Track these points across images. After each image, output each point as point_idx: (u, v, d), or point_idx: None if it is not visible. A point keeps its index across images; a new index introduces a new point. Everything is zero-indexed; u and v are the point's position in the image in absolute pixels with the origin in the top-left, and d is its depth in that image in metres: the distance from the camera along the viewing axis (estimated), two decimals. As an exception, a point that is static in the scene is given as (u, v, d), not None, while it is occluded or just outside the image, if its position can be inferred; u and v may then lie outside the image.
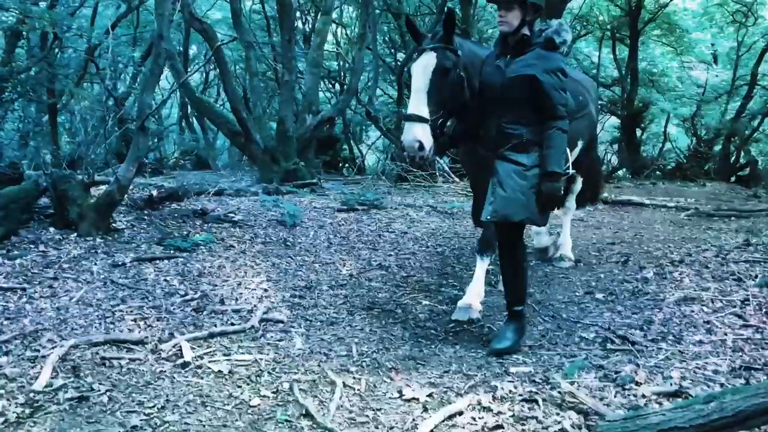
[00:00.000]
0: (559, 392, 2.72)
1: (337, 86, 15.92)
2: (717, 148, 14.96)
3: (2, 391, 2.61)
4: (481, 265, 4.04)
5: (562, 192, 3.29)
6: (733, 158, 14.82)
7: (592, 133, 5.00)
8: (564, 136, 3.26)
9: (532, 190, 3.25)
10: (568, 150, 3.57)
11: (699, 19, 15.67)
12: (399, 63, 15.30)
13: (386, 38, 16.01)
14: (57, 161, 8.90)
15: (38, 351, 3.04)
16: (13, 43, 10.83)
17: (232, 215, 6.23)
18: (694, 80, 16.41)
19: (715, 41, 16.26)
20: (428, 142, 3.30)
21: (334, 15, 13.44)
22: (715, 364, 3.02)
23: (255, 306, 3.94)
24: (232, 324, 3.62)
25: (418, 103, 3.34)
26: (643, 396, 2.69)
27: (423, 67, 3.37)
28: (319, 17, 11.45)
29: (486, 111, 3.42)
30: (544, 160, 3.22)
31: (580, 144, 4.49)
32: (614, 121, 17.09)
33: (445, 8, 13.32)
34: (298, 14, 13.53)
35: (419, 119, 3.30)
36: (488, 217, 3.32)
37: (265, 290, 4.30)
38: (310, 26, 14.44)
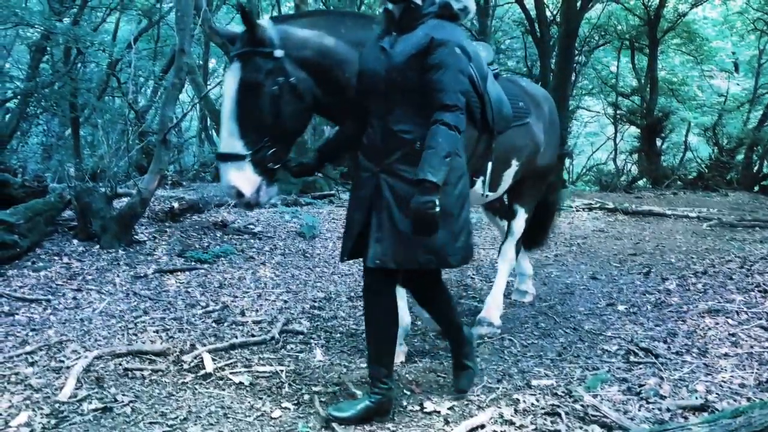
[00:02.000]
0: (582, 405, 2.69)
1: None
2: (739, 157, 14.79)
3: (28, 402, 2.64)
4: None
5: (437, 211, 2.36)
6: (755, 167, 14.63)
7: (537, 157, 3.85)
8: (452, 135, 2.42)
9: (439, 219, 2.43)
10: (490, 168, 3.12)
11: (719, 27, 15.56)
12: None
13: (403, 50, 16.03)
14: (80, 174, 9.03)
15: (63, 362, 3.08)
16: (38, 59, 11.06)
17: (251, 227, 6.28)
18: (715, 89, 16.25)
19: (736, 49, 16.11)
20: (249, 185, 2.59)
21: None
22: (741, 377, 2.96)
23: (275, 317, 3.96)
24: (253, 335, 3.63)
25: (227, 136, 2.59)
26: (668, 410, 2.65)
27: (228, 86, 2.63)
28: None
29: (369, 107, 2.60)
30: (420, 165, 2.39)
31: (514, 164, 3.60)
32: (634, 130, 16.97)
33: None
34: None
35: (231, 158, 2.57)
36: (375, 262, 2.48)
37: (285, 302, 4.32)
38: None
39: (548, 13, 14.21)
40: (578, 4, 13.34)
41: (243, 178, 2.59)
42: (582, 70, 16.64)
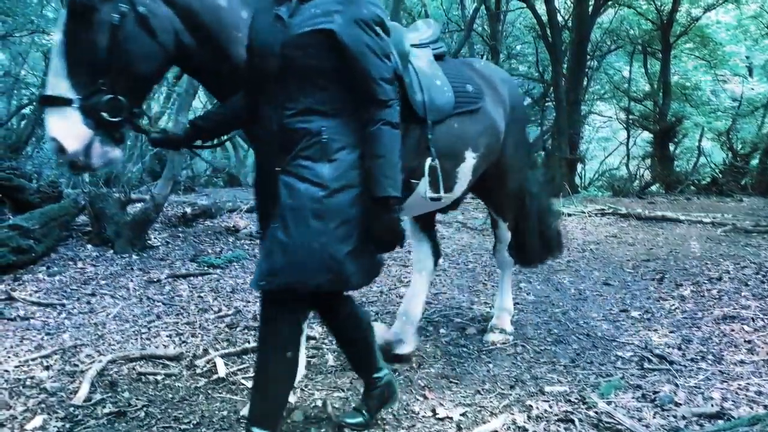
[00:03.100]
0: (596, 412, 2.67)
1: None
2: (754, 162, 14.64)
3: (43, 405, 2.67)
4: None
5: (402, 223, 2.08)
6: (770, 172, 14.48)
7: (500, 148, 3.32)
8: (396, 135, 2.06)
9: (340, 229, 2.00)
10: (428, 165, 2.66)
11: (733, 31, 15.46)
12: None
13: (415, 55, 16.05)
14: (94, 180, 9.12)
15: (77, 366, 3.11)
16: (53, 66, 11.17)
17: (261, 233, 6.29)
18: (729, 93, 16.14)
19: (750, 54, 16.01)
20: (74, 138, 2.06)
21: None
22: (758, 384, 2.93)
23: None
24: (265, 340, 3.63)
25: (53, 76, 2.08)
26: (683, 417, 2.62)
27: (61, 15, 2.12)
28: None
29: (261, 93, 2.12)
30: (370, 179, 2.02)
31: (470, 158, 3.05)
32: (646, 135, 16.88)
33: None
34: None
35: (55, 102, 2.06)
36: (261, 283, 2.02)
37: (297, 307, 4.32)
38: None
39: (560, 18, 14.19)
40: (590, 8, 13.32)
41: (67, 128, 2.05)
42: (594, 74, 16.58)
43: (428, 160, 2.72)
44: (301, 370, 2.96)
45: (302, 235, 1.97)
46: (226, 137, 2.83)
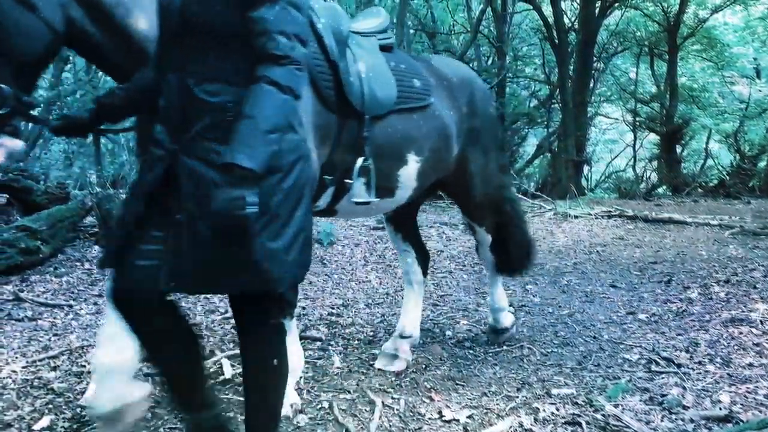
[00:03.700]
0: (603, 415, 2.66)
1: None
2: (761, 164, 14.58)
3: (51, 406, 2.67)
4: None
5: (251, 211, 1.61)
6: (779, 174, 14.42)
7: (452, 157, 3.03)
8: (283, 101, 1.67)
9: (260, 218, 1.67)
10: (359, 166, 2.39)
11: (740, 33, 15.41)
12: (433, 82, 15.33)
13: (421, 57, 16.05)
14: (101, 181, 9.16)
15: (84, 366, 3.11)
16: (61, 68, 11.26)
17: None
18: (737, 95, 16.08)
19: (758, 55, 15.94)
20: None
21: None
22: (766, 388, 2.91)
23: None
24: (271, 342, 3.63)
25: None
26: (692, 420, 2.61)
27: None
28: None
29: (165, 57, 1.81)
30: (230, 143, 1.63)
31: (413, 161, 2.75)
32: (653, 137, 16.83)
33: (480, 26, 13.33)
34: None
35: None
36: (170, 284, 1.75)
37: (303, 308, 4.33)
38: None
39: (566, 20, 14.17)
40: (596, 10, 13.29)
41: None
42: (600, 76, 16.54)
43: (360, 160, 2.49)
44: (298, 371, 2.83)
45: (210, 228, 1.66)
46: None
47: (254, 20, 1.69)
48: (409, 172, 2.79)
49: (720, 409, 2.71)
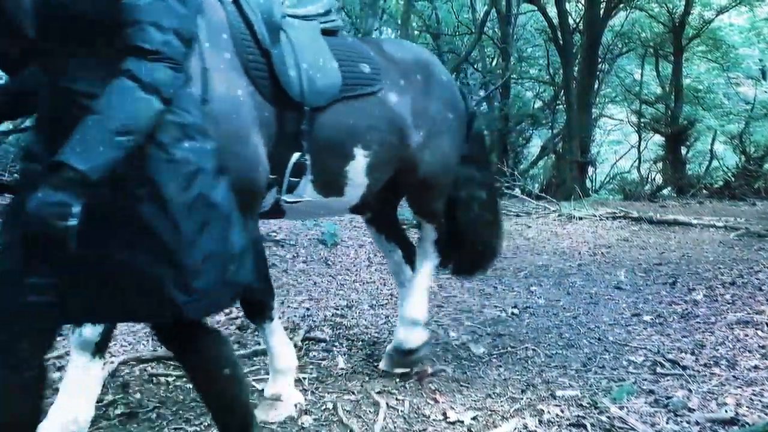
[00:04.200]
0: (608, 417, 2.66)
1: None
2: (767, 165, 14.53)
3: (56, 406, 2.68)
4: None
5: (71, 224, 1.37)
6: (784, 176, 14.37)
7: (411, 151, 2.79)
8: (142, 101, 1.45)
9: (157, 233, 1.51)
10: (294, 162, 2.26)
11: (746, 34, 15.36)
12: (438, 83, 15.32)
13: (425, 58, 16.03)
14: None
15: (89, 367, 3.12)
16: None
17: (273, 234, 6.31)
18: (742, 96, 16.05)
19: (764, 56, 15.88)
20: None
21: (374, 36, 13.62)
22: (772, 390, 2.90)
23: (297, 325, 3.97)
24: (276, 343, 3.64)
25: None
26: (697, 423, 2.60)
27: None
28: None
29: (38, 53, 1.61)
30: (68, 140, 1.41)
31: (361, 156, 2.55)
32: (658, 138, 16.80)
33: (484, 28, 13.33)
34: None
35: None
36: (81, 319, 1.68)
37: (307, 309, 4.33)
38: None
39: (571, 21, 14.15)
40: (601, 11, 13.27)
41: None
42: (605, 77, 16.52)
43: (295, 156, 2.33)
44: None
45: (98, 246, 1.49)
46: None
47: (125, 8, 1.48)
48: (358, 169, 2.58)
49: (726, 411, 2.70)
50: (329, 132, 2.42)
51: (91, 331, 2.26)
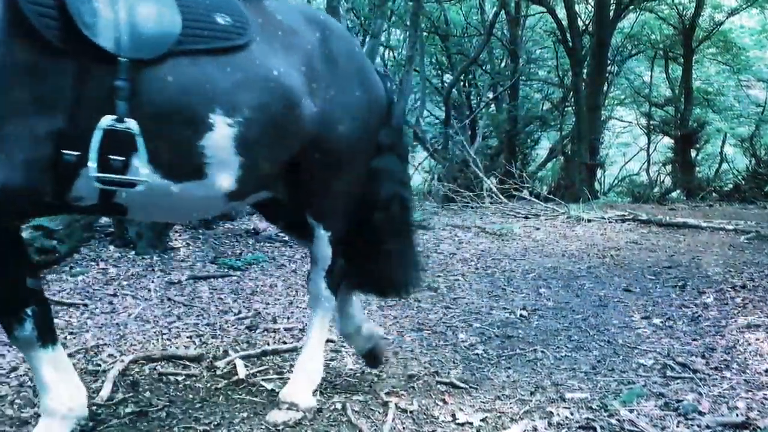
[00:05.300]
0: (618, 420, 2.64)
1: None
2: (778, 169, 14.44)
3: (66, 404, 2.69)
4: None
5: None
6: (795, 179, 14.27)
7: (303, 121, 2.28)
8: None
9: None
10: (116, 129, 1.78)
11: (757, 36, 15.28)
12: (446, 84, 15.36)
13: (433, 60, 16.10)
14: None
15: (99, 366, 3.14)
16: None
17: (283, 234, 6.33)
18: (753, 99, 15.96)
19: (775, 59, 15.78)
20: None
21: (382, 38, 13.63)
22: (784, 394, 2.88)
23: (306, 325, 3.97)
24: (284, 342, 3.65)
25: None
26: (708, 427, 2.59)
27: None
28: (367, 40, 11.63)
29: None
30: None
31: (223, 124, 2.02)
32: (667, 141, 16.73)
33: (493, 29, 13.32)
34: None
35: None
36: None
37: (316, 310, 4.33)
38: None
39: (580, 23, 14.11)
40: (611, 13, 13.23)
41: None
42: (614, 79, 16.46)
43: (105, 119, 1.81)
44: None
45: None
46: None
47: None
48: (220, 141, 2.04)
49: (737, 415, 2.68)
50: (167, 92, 1.91)
51: (19, 330, 2.09)
